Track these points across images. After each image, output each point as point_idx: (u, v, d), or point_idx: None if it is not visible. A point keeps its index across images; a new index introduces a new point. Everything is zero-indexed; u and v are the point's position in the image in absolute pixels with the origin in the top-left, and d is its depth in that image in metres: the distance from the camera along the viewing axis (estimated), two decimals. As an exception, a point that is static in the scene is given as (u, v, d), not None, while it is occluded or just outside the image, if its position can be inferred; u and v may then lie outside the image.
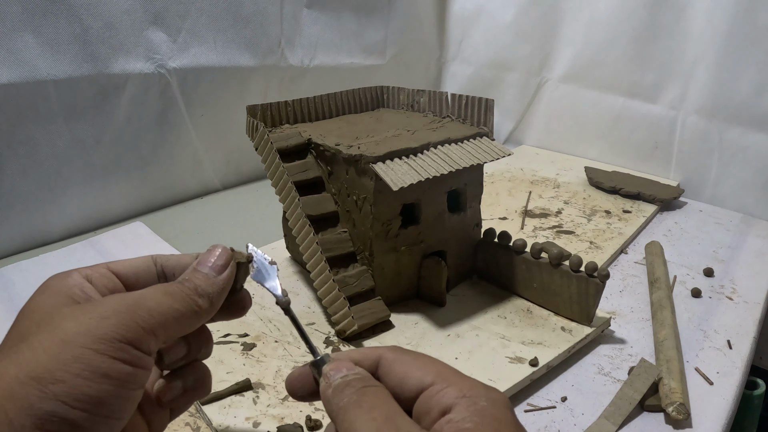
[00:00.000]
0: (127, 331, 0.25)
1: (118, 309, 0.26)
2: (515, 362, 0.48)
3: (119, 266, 0.31)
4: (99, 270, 0.30)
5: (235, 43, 0.83)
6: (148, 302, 0.27)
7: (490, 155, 0.52)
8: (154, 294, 0.28)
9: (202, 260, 0.31)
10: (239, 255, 0.32)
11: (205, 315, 0.29)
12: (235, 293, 0.32)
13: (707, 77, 0.84)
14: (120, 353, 0.25)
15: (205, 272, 0.30)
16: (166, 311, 0.27)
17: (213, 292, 0.30)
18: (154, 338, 0.26)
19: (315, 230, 0.52)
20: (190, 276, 0.30)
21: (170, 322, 0.27)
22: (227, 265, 0.31)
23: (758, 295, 0.62)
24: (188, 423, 0.42)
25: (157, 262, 0.32)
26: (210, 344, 0.33)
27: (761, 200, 0.82)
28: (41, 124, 0.67)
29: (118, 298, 0.27)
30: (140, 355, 0.26)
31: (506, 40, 1.07)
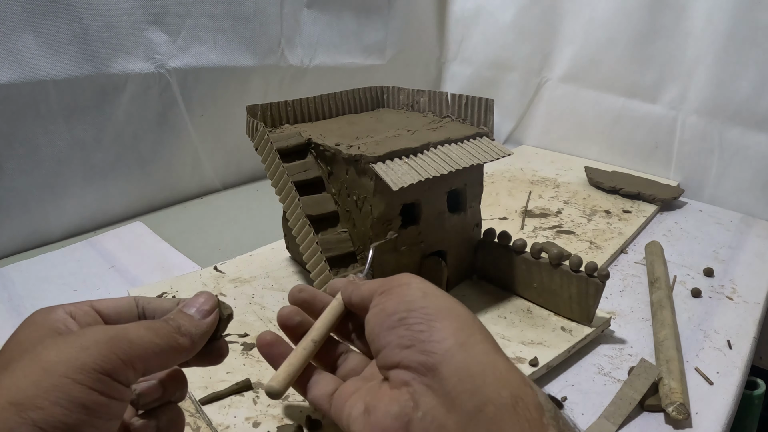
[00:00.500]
0: (105, 362, 0.26)
1: (99, 340, 0.26)
2: (515, 362, 0.47)
3: (102, 305, 0.32)
4: (82, 307, 0.31)
5: (235, 43, 0.83)
6: (130, 335, 0.28)
7: (490, 155, 0.52)
8: (136, 328, 0.29)
9: (188, 303, 0.32)
10: (224, 307, 0.34)
11: (184, 353, 0.30)
12: (215, 341, 0.34)
13: (707, 77, 0.84)
14: (97, 384, 0.25)
15: (190, 314, 0.32)
16: (147, 345, 0.28)
17: (195, 333, 0.31)
18: (132, 370, 0.27)
19: (315, 230, 0.52)
20: (175, 315, 0.31)
21: (149, 355, 0.28)
22: (212, 311, 0.33)
23: (758, 295, 0.62)
24: (188, 423, 0.42)
25: (138, 304, 0.33)
26: (185, 387, 0.34)
27: (761, 200, 0.82)
28: (41, 124, 0.67)
29: (100, 330, 0.28)
30: (117, 386, 0.26)
31: (506, 40, 1.07)
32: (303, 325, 0.39)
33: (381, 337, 0.32)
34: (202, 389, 0.44)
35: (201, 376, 0.46)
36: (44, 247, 0.71)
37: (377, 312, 0.33)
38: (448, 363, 0.29)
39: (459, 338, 0.29)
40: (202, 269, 0.63)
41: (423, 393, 0.29)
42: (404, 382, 0.30)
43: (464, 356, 0.29)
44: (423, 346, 0.30)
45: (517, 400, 0.27)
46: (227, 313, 0.34)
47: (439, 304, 0.32)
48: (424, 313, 0.31)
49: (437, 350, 0.29)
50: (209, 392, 0.44)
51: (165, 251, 0.70)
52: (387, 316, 0.32)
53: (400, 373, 0.30)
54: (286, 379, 0.36)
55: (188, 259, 0.67)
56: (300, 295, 0.41)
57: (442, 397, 0.28)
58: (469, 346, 0.29)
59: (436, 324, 0.30)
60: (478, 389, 0.27)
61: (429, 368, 0.29)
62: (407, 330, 0.31)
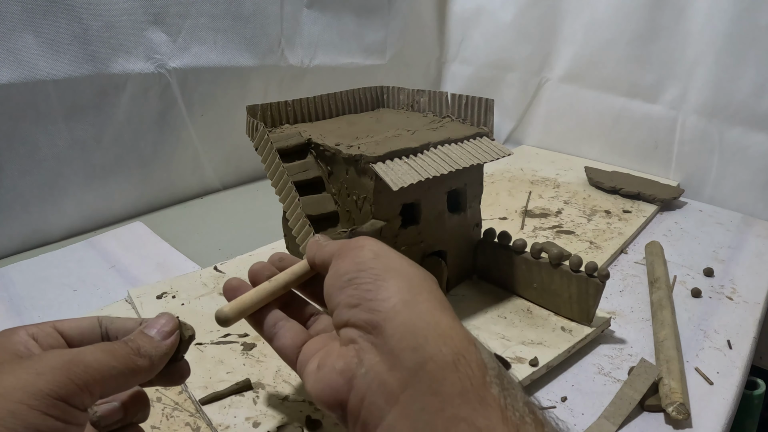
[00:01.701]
0: (60, 388, 0.26)
1: (54, 365, 0.26)
2: (515, 362, 0.48)
3: (65, 326, 0.32)
4: (45, 329, 0.31)
5: (235, 43, 0.83)
6: (86, 358, 0.28)
7: (490, 155, 0.52)
8: (93, 351, 0.29)
9: (149, 324, 0.32)
10: (185, 328, 0.33)
11: (143, 375, 0.30)
12: (176, 362, 0.33)
13: (707, 77, 0.84)
14: (52, 410, 0.25)
15: (151, 335, 0.32)
16: (103, 368, 0.28)
17: (155, 355, 0.31)
18: (88, 394, 0.27)
19: (315, 230, 0.52)
20: (135, 337, 0.31)
21: (107, 378, 0.28)
22: (173, 332, 0.32)
23: (758, 295, 0.62)
24: (188, 423, 0.42)
25: (102, 324, 0.33)
26: (147, 408, 0.34)
27: (761, 200, 0.82)
28: (41, 124, 0.67)
29: (56, 354, 0.28)
30: (73, 411, 0.26)
31: (506, 40, 1.07)
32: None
33: (333, 297, 0.33)
34: (202, 389, 0.44)
35: (201, 376, 0.46)
36: (44, 247, 0.71)
37: (332, 273, 0.34)
38: (392, 320, 0.29)
39: (404, 297, 0.30)
40: (202, 269, 0.63)
41: (368, 350, 0.29)
42: (351, 339, 0.31)
43: (408, 314, 0.29)
44: (369, 304, 0.30)
45: (458, 357, 0.27)
46: (188, 334, 0.33)
47: (388, 264, 0.32)
48: (373, 273, 0.32)
49: (381, 308, 0.30)
50: (209, 392, 0.44)
51: (165, 251, 0.70)
52: (339, 276, 0.33)
53: (348, 331, 0.31)
54: (238, 306, 0.36)
55: (188, 259, 0.67)
56: (280, 264, 0.41)
57: (386, 355, 0.29)
58: (413, 305, 0.30)
59: (383, 283, 0.31)
60: (420, 346, 0.28)
61: (374, 326, 0.29)
62: (355, 289, 0.31)
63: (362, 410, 0.29)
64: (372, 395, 0.28)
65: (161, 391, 0.45)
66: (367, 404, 0.28)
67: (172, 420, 0.42)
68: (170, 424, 0.42)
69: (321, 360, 0.32)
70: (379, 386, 0.28)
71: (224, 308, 0.36)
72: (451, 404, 0.26)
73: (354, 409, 0.29)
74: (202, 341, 0.50)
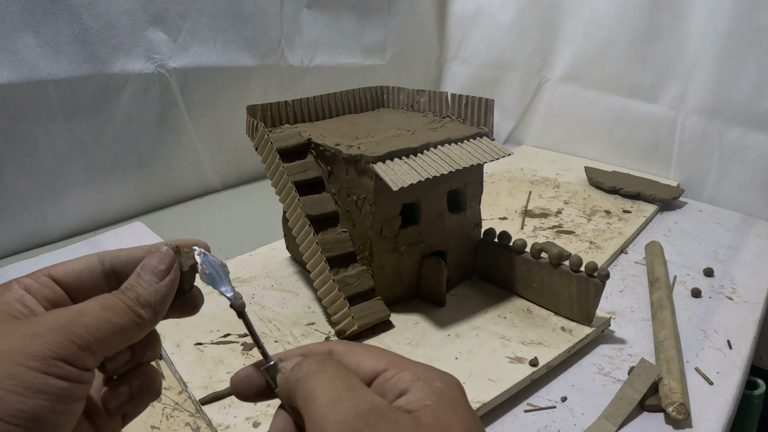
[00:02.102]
0: (60, 349, 0.25)
1: (52, 327, 0.25)
2: (515, 362, 0.48)
3: (60, 272, 0.30)
4: (39, 279, 0.29)
5: (235, 43, 0.83)
6: (85, 318, 0.26)
7: (490, 155, 0.52)
8: (92, 309, 0.27)
9: (145, 264, 0.30)
10: (186, 257, 0.31)
11: (148, 325, 0.29)
12: (184, 293, 0.31)
13: (707, 77, 0.84)
14: (54, 369, 0.24)
15: (147, 279, 0.29)
16: (104, 326, 0.27)
17: (156, 301, 0.29)
18: (91, 355, 0.26)
19: (315, 230, 0.52)
20: (132, 283, 0.29)
21: (109, 337, 0.27)
22: (170, 270, 0.30)
23: (758, 295, 0.62)
24: (188, 423, 0.42)
25: (104, 261, 0.31)
26: (157, 345, 0.32)
27: (761, 200, 0.82)
28: (41, 124, 0.67)
29: (53, 315, 0.26)
30: (76, 371, 0.25)
31: (506, 40, 1.07)
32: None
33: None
34: (202, 389, 0.44)
35: (201, 376, 0.46)
36: (44, 247, 0.71)
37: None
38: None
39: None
40: (202, 269, 0.63)
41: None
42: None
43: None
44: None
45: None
46: (189, 264, 0.31)
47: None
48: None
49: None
50: (209, 392, 0.44)
51: (165, 251, 0.70)
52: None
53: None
54: None
55: (188, 259, 0.67)
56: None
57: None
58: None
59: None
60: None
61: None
62: None
63: None
64: None
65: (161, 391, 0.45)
66: None
67: (172, 420, 0.42)
68: (170, 424, 0.42)
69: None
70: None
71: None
72: None
73: None
74: (202, 341, 0.50)
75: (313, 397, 0.24)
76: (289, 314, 0.54)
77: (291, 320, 0.53)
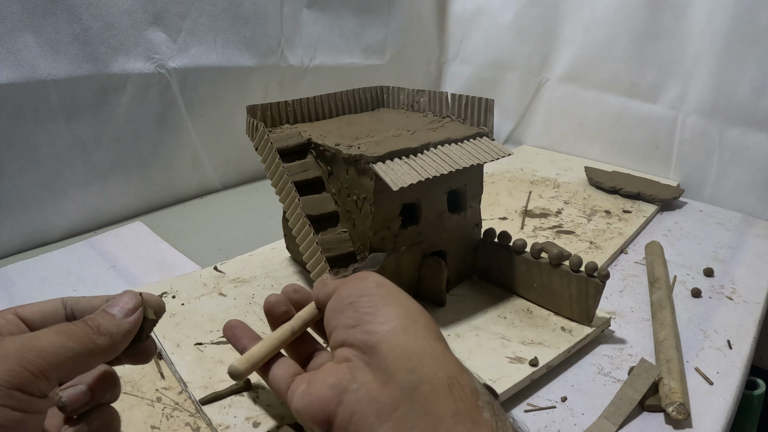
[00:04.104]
0: (13, 377, 0.25)
1: (6, 353, 0.26)
2: (515, 362, 0.48)
3: (26, 311, 0.31)
4: (6, 316, 0.30)
5: (235, 43, 0.83)
6: (40, 343, 0.27)
7: (490, 155, 0.52)
8: (47, 334, 0.28)
9: (112, 303, 0.32)
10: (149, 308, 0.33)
11: (103, 354, 0.29)
12: (141, 341, 0.33)
13: (707, 77, 0.84)
14: (7, 400, 0.25)
15: (113, 313, 0.31)
16: (58, 350, 0.27)
17: (116, 333, 0.30)
18: (44, 380, 0.26)
19: (315, 230, 0.52)
20: (96, 315, 0.30)
21: (63, 361, 0.27)
22: (136, 310, 0.32)
23: (758, 295, 0.62)
24: (188, 423, 0.42)
25: (66, 305, 0.32)
26: (117, 388, 0.33)
27: (761, 200, 0.82)
28: (41, 124, 0.67)
29: (7, 342, 0.27)
30: (30, 399, 0.25)
31: (506, 40, 1.07)
32: (287, 315, 0.40)
33: (332, 320, 0.34)
34: (202, 389, 0.44)
35: (201, 376, 0.46)
36: (44, 247, 0.71)
37: (334, 298, 0.35)
38: (389, 342, 0.30)
39: (402, 322, 0.31)
40: (202, 269, 0.63)
41: (361, 368, 0.30)
42: (346, 358, 0.31)
43: (405, 338, 0.30)
44: (367, 326, 0.31)
45: (452, 381, 0.28)
46: (152, 314, 0.33)
47: (389, 293, 0.34)
48: (373, 299, 0.33)
49: (379, 330, 0.31)
50: (209, 392, 0.44)
51: (165, 251, 0.70)
52: (340, 300, 0.34)
53: (343, 351, 0.32)
54: (249, 360, 0.37)
55: (188, 259, 0.67)
56: (294, 296, 0.41)
57: (379, 373, 0.29)
58: (410, 331, 0.31)
59: (382, 309, 0.32)
60: (416, 368, 0.29)
61: (369, 346, 0.30)
62: (355, 311, 0.32)
63: (351, 425, 0.29)
64: (362, 411, 0.29)
65: (161, 391, 0.45)
66: (356, 419, 0.29)
67: (172, 420, 0.42)
68: (170, 424, 0.42)
69: (311, 378, 0.33)
70: (371, 402, 0.29)
71: (236, 364, 0.36)
72: (445, 424, 0.27)
73: (342, 423, 0.30)
74: (202, 341, 0.50)
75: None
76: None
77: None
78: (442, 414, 0.27)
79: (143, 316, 0.32)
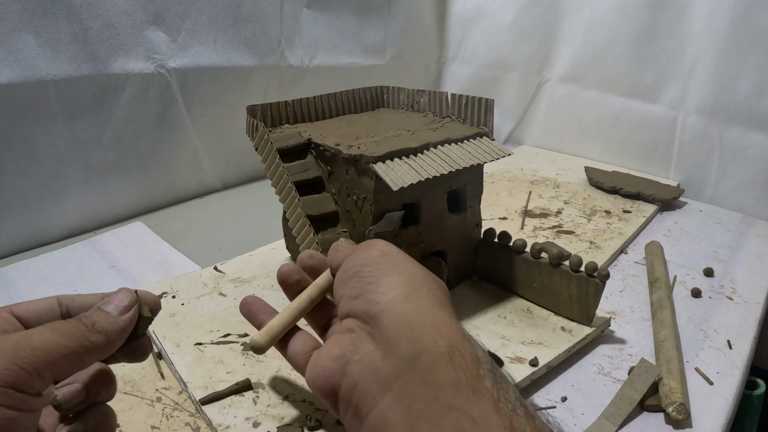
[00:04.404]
0: (7, 375, 0.25)
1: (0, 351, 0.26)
2: (515, 362, 0.48)
3: (21, 309, 0.31)
4: (1, 315, 0.30)
5: (235, 43, 0.83)
6: (33, 341, 0.27)
7: (490, 155, 0.52)
8: (41, 332, 0.28)
9: (107, 300, 0.32)
10: (145, 306, 0.33)
11: (98, 351, 0.29)
12: (136, 339, 0.33)
13: (707, 77, 0.84)
14: (2, 398, 0.25)
15: (108, 311, 0.31)
16: (53, 348, 0.27)
17: (111, 330, 0.30)
18: (39, 378, 0.26)
19: (315, 230, 0.52)
20: (90, 313, 0.30)
21: (58, 359, 0.27)
22: (131, 308, 0.32)
23: (758, 295, 0.62)
24: (188, 423, 0.42)
25: (62, 303, 0.32)
26: (112, 386, 0.33)
27: (761, 200, 0.82)
28: (41, 124, 0.67)
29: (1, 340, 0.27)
30: (24, 397, 0.25)
31: (506, 40, 1.07)
32: (301, 284, 0.41)
33: (338, 290, 0.34)
34: (202, 389, 0.44)
35: (201, 376, 0.46)
36: (44, 247, 0.71)
37: (341, 269, 0.35)
38: (389, 312, 0.30)
39: (404, 291, 0.31)
40: (202, 269, 0.63)
41: (363, 339, 0.31)
42: (350, 329, 0.32)
43: (405, 307, 0.30)
44: (368, 296, 0.32)
45: (453, 350, 0.28)
46: (147, 311, 0.33)
47: (393, 261, 0.34)
48: (376, 269, 0.33)
49: (380, 300, 0.31)
50: (209, 392, 0.44)
51: (165, 251, 0.70)
52: (345, 271, 0.35)
53: (348, 321, 0.32)
54: (269, 333, 0.37)
55: (188, 259, 0.68)
56: (309, 261, 0.42)
57: (381, 344, 0.30)
58: (412, 299, 0.31)
59: (384, 278, 0.32)
60: (416, 338, 0.29)
61: (371, 316, 0.31)
62: (358, 282, 0.33)
63: (354, 396, 0.29)
64: (365, 381, 0.29)
65: (161, 392, 0.45)
66: (359, 390, 0.29)
67: (172, 420, 0.42)
68: (170, 424, 0.42)
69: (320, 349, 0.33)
70: (372, 373, 0.29)
71: (257, 338, 0.37)
72: (445, 394, 0.27)
73: (346, 394, 0.30)
74: (202, 341, 0.50)
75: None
76: (289, 314, 0.54)
77: (291, 320, 0.53)
78: (442, 384, 0.27)
79: (138, 314, 0.32)
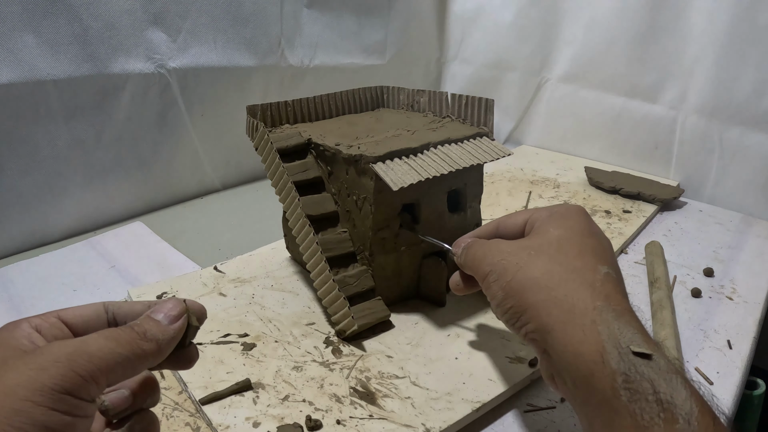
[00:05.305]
0: (64, 381, 0.25)
1: (57, 358, 0.26)
2: (515, 362, 0.48)
3: (69, 314, 0.32)
4: (49, 319, 0.31)
5: (235, 43, 0.83)
6: (89, 348, 0.27)
7: (490, 155, 0.52)
8: (96, 339, 0.28)
9: (156, 309, 0.32)
10: (193, 315, 0.33)
11: (150, 359, 0.30)
12: (183, 347, 0.33)
13: (707, 77, 0.84)
14: (59, 404, 0.25)
15: (158, 319, 0.31)
16: (107, 356, 0.28)
17: (162, 339, 0.31)
18: (94, 385, 0.27)
19: (315, 230, 0.52)
20: (141, 321, 0.31)
21: (112, 366, 0.28)
22: (180, 317, 0.32)
23: (758, 295, 0.62)
24: (188, 423, 0.42)
25: (108, 310, 0.33)
26: (157, 393, 0.34)
27: (761, 200, 0.82)
28: (41, 124, 0.67)
29: (57, 347, 0.27)
30: (80, 403, 0.26)
31: (506, 40, 1.07)
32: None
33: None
34: (202, 389, 0.44)
35: (201, 376, 0.46)
36: (44, 247, 0.71)
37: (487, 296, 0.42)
38: (552, 348, 0.36)
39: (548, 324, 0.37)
40: (202, 269, 0.63)
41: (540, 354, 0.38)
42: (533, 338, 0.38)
43: (556, 343, 0.36)
44: (531, 334, 0.38)
45: (591, 373, 0.33)
46: (195, 322, 0.33)
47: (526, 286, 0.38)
48: (516, 308, 0.39)
49: (540, 339, 0.37)
50: (209, 392, 0.44)
51: (165, 251, 0.70)
52: (491, 298, 0.41)
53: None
54: None
55: (188, 259, 0.68)
56: None
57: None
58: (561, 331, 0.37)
59: (526, 315, 0.38)
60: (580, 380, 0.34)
61: (542, 348, 0.37)
62: (510, 317, 0.39)
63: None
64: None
65: (161, 392, 0.45)
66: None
67: (172, 420, 0.42)
68: (170, 424, 0.42)
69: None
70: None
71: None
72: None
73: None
74: (202, 341, 0.50)
75: (474, 258, 0.43)
76: (289, 314, 0.54)
77: (291, 320, 0.53)
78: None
79: (187, 323, 0.33)
